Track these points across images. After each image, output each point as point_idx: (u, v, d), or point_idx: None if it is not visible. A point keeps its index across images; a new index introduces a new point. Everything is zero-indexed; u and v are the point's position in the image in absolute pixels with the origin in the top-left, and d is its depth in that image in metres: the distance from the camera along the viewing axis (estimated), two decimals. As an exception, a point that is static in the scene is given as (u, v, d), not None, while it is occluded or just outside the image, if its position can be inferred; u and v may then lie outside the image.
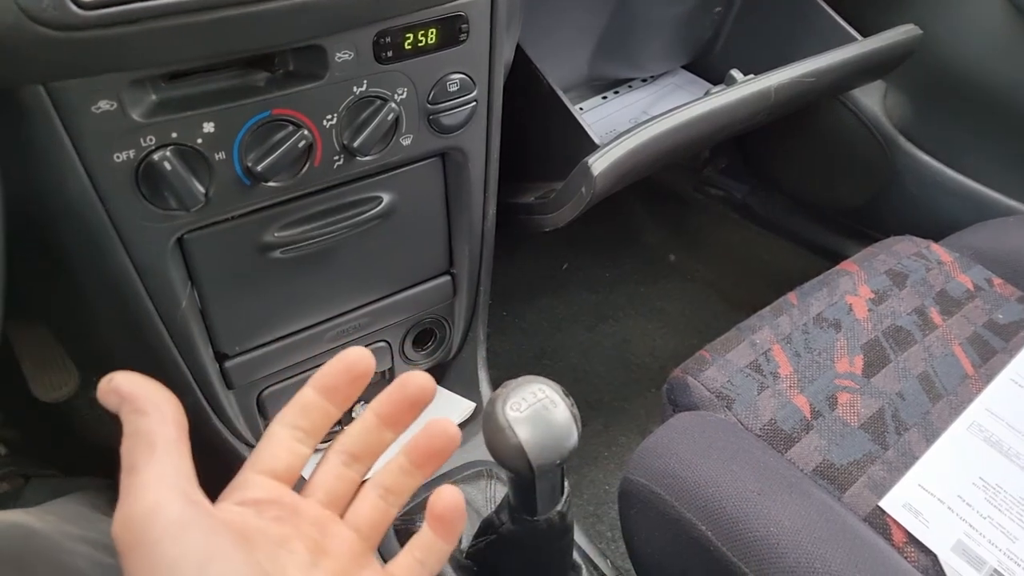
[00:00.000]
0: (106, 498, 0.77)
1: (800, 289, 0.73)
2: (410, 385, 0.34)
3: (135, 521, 0.26)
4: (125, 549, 0.26)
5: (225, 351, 0.59)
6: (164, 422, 0.28)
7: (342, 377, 0.33)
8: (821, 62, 0.85)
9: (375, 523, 0.34)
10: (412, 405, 0.35)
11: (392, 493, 0.35)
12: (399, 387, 0.34)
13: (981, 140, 0.98)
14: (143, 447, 0.28)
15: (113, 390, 0.29)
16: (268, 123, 0.49)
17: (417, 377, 0.34)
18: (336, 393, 0.34)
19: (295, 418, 0.33)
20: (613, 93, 1.08)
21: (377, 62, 0.51)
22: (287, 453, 0.33)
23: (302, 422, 0.33)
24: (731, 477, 0.52)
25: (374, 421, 0.35)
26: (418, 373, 0.35)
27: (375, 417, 0.35)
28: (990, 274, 0.75)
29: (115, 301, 0.52)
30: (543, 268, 1.35)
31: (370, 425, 0.35)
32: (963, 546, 0.52)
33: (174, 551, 0.26)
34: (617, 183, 0.75)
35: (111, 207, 0.46)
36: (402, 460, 0.35)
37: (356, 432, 0.35)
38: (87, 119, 0.42)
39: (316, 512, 0.33)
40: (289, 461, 0.33)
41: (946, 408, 0.62)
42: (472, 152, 0.61)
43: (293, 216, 0.55)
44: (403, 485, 0.35)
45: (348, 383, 0.33)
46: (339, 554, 0.33)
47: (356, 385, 0.34)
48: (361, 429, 0.35)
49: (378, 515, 0.35)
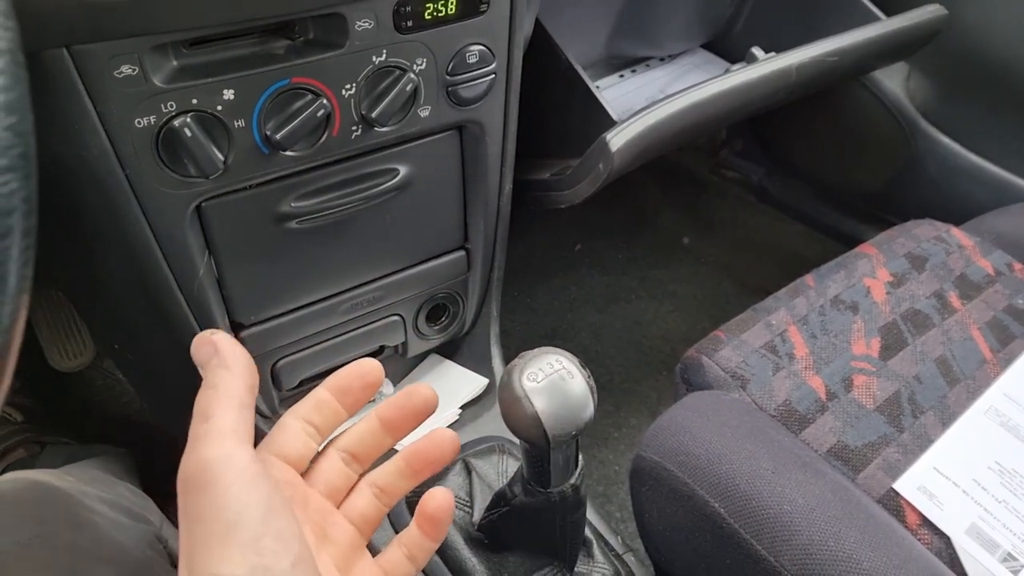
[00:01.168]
0: (121, 465, 0.78)
1: (817, 271, 0.72)
2: (415, 397, 0.37)
3: (209, 464, 0.28)
4: (193, 489, 0.28)
5: (240, 321, 0.60)
6: (244, 381, 0.31)
7: (355, 381, 0.36)
8: (844, 41, 0.83)
9: (369, 518, 0.37)
10: (414, 415, 0.37)
11: (386, 493, 0.37)
12: (405, 397, 0.37)
13: (1005, 124, 0.97)
14: (221, 398, 0.30)
15: (210, 341, 0.31)
16: (288, 91, 0.48)
17: (422, 390, 0.37)
18: (348, 395, 0.36)
19: (308, 412, 0.36)
20: (631, 71, 1.07)
21: (397, 31, 0.51)
22: (299, 443, 0.35)
23: (314, 417, 0.36)
24: (745, 455, 0.52)
25: (376, 425, 0.37)
26: (423, 386, 0.37)
27: (378, 421, 0.37)
28: (1011, 259, 0.74)
29: (133, 269, 0.52)
30: (555, 248, 1.34)
31: (372, 428, 0.37)
32: (977, 529, 0.52)
33: (245, 498, 0.27)
34: (635, 160, 0.74)
35: (131, 173, 0.46)
36: (400, 463, 0.37)
37: (358, 433, 0.37)
38: (109, 83, 0.42)
39: (319, 501, 0.35)
40: (300, 451, 0.35)
41: (963, 392, 0.61)
42: (490, 125, 0.61)
43: (310, 187, 0.55)
44: (397, 487, 0.37)
45: (360, 388, 0.36)
46: (339, 542, 0.35)
47: (366, 391, 0.36)
48: (363, 431, 0.37)
49: (372, 511, 0.37)
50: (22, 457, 0.84)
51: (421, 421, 0.37)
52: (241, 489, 0.28)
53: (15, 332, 0.23)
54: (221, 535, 0.27)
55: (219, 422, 0.29)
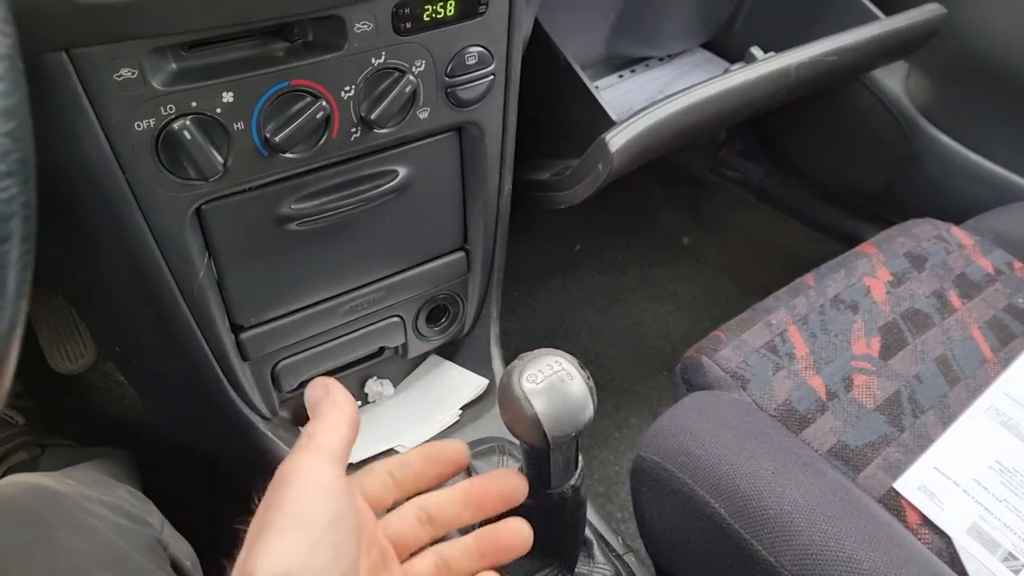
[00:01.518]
0: (122, 468, 0.78)
1: (817, 271, 0.72)
2: (507, 482, 0.38)
3: (299, 466, 0.31)
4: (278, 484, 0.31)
5: (241, 323, 0.60)
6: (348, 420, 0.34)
7: (444, 454, 0.38)
8: (843, 40, 0.83)
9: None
10: (500, 500, 0.38)
11: (450, 570, 0.37)
12: (493, 481, 0.38)
13: (1005, 123, 0.97)
14: (325, 427, 0.33)
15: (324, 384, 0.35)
16: (287, 94, 0.49)
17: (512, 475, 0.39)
18: (433, 465, 0.38)
19: (393, 467, 0.38)
20: (630, 72, 1.07)
21: (396, 34, 0.51)
22: (380, 485, 0.37)
23: (397, 473, 0.38)
24: (745, 456, 0.52)
25: (460, 496, 0.38)
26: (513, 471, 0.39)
27: (463, 494, 0.38)
28: (1011, 258, 0.74)
29: (134, 271, 0.52)
30: (555, 249, 1.34)
31: (455, 498, 0.38)
32: (978, 529, 0.52)
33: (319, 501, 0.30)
34: (634, 161, 0.74)
35: (131, 176, 0.46)
36: (470, 543, 0.38)
37: (441, 499, 0.38)
38: (109, 86, 0.42)
39: (383, 545, 0.36)
40: (380, 492, 0.37)
41: (963, 391, 0.61)
42: (489, 127, 0.61)
43: (310, 188, 0.55)
44: (462, 566, 0.37)
45: (445, 462, 0.38)
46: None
47: (449, 468, 0.38)
48: (446, 498, 0.38)
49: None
50: (23, 460, 0.84)
51: (505, 508, 0.38)
52: (319, 494, 0.30)
53: (14, 336, 0.23)
54: (285, 525, 0.29)
55: (319, 440, 0.32)
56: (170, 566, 0.45)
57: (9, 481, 0.43)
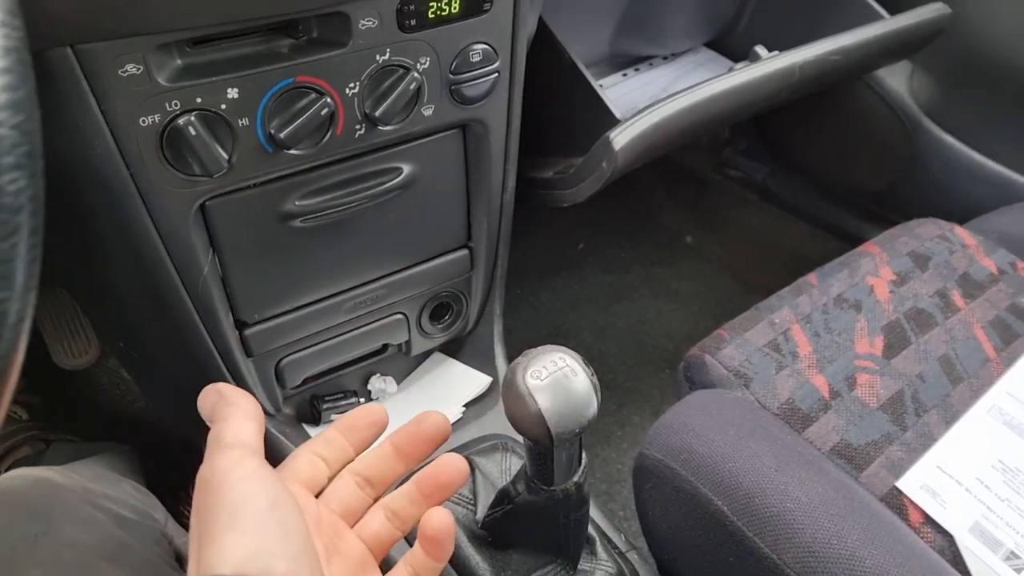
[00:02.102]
0: (125, 462, 0.78)
1: (820, 270, 0.72)
2: (426, 423, 0.39)
3: (219, 466, 0.31)
4: (204, 490, 0.30)
5: (245, 319, 0.60)
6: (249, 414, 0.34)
7: (361, 420, 0.39)
8: (847, 40, 0.83)
9: (382, 540, 0.38)
10: (427, 441, 0.39)
11: (399, 518, 0.39)
12: (415, 424, 0.39)
13: (1009, 123, 0.97)
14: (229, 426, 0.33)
15: (215, 390, 0.35)
16: (291, 90, 0.49)
17: (433, 416, 0.39)
18: (354, 432, 0.39)
19: (318, 447, 0.38)
20: (634, 70, 1.07)
21: (400, 30, 0.51)
22: (311, 468, 0.38)
23: (323, 451, 0.38)
24: (748, 453, 0.52)
25: (390, 451, 0.39)
26: (434, 413, 0.39)
27: (392, 448, 0.39)
28: (1014, 258, 0.74)
29: (138, 267, 0.52)
30: (558, 247, 1.34)
31: (386, 454, 0.39)
32: (980, 528, 0.52)
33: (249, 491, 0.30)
34: (638, 159, 0.74)
35: (136, 172, 0.46)
36: (411, 489, 0.39)
37: (372, 458, 0.39)
38: (114, 82, 0.42)
39: (331, 518, 0.37)
40: (312, 474, 0.37)
41: (966, 391, 0.61)
42: (493, 124, 0.61)
43: (314, 185, 0.55)
44: (409, 512, 0.39)
45: (366, 426, 0.39)
46: (349, 556, 0.37)
47: (372, 430, 0.39)
48: (376, 456, 0.39)
49: (385, 534, 0.38)
50: (27, 454, 0.84)
51: (435, 447, 0.39)
52: (246, 485, 0.30)
53: (23, 329, 0.23)
54: (225, 523, 0.28)
55: (228, 439, 0.32)
56: (174, 560, 0.45)
57: (14, 475, 0.43)
